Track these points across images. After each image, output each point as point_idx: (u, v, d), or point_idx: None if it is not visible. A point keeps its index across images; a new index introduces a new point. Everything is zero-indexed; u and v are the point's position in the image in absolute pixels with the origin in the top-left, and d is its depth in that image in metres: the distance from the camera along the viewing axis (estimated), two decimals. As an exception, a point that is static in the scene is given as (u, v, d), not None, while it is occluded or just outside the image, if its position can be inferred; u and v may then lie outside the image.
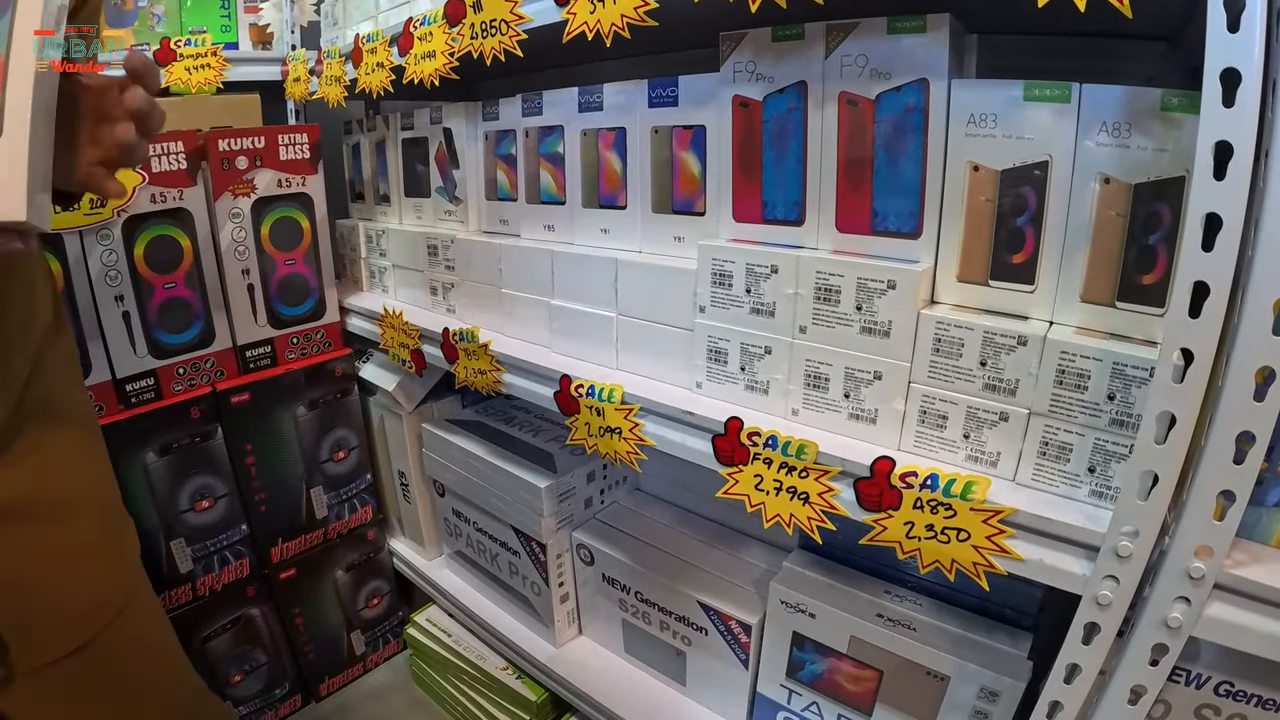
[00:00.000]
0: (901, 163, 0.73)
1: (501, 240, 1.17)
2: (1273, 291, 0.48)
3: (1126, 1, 0.51)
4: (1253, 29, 0.46)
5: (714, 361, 0.87)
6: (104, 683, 0.79)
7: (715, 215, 0.90)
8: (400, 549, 1.67)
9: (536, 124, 1.10)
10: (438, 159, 1.30)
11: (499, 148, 1.18)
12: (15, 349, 0.68)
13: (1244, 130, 0.47)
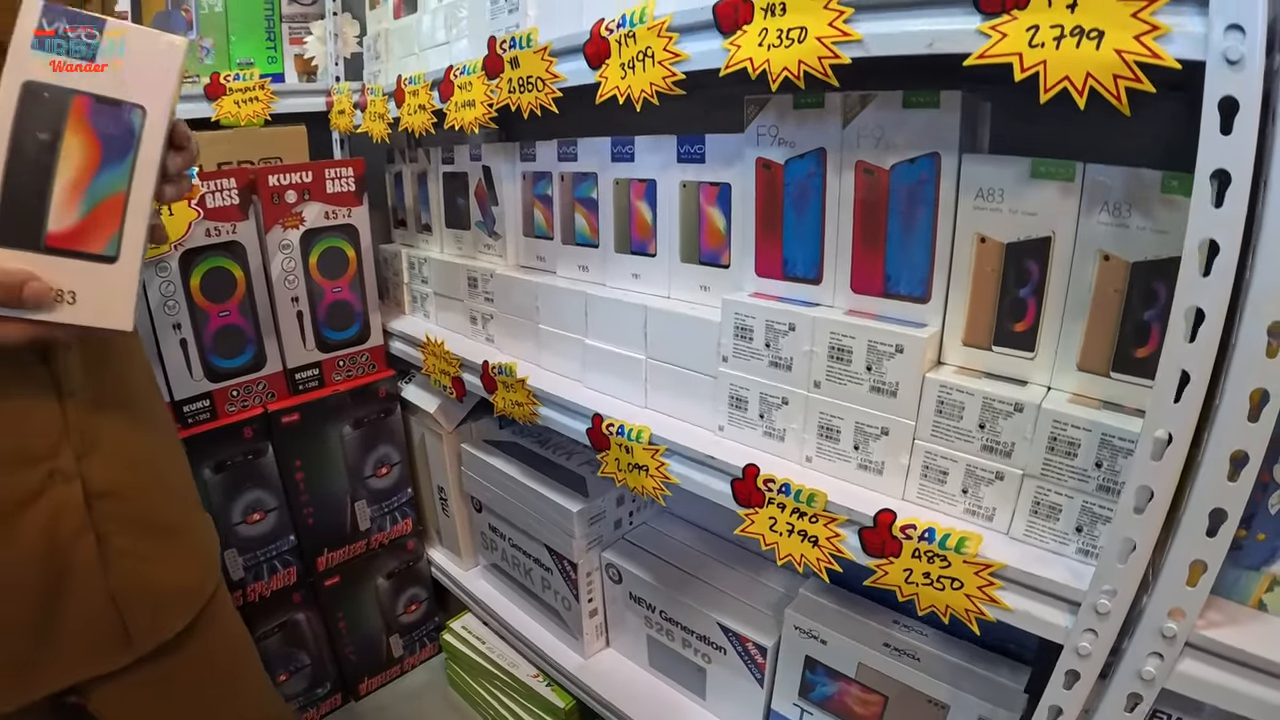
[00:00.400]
0: (913, 231, 0.78)
1: (538, 278, 1.23)
2: (1250, 383, 0.52)
3: (1125, 101, 0.55)
4: (1246, 132, 0.50)
5: (735, 408, 0.93)
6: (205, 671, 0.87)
7: (739, 268, 0.96)
8: (438, 558, 1.74)
9: (571, 169, 1.16)
10: (477, 194, 1.37)
11: (536, 187, 1.24)
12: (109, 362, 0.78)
13: (1231, 230, 0.51)
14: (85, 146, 0.63)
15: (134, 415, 0.80)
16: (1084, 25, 0.55)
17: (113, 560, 0.75)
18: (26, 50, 0.60)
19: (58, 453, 0.71)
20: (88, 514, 0.73)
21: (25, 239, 0.61)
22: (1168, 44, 0.52)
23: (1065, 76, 0.55)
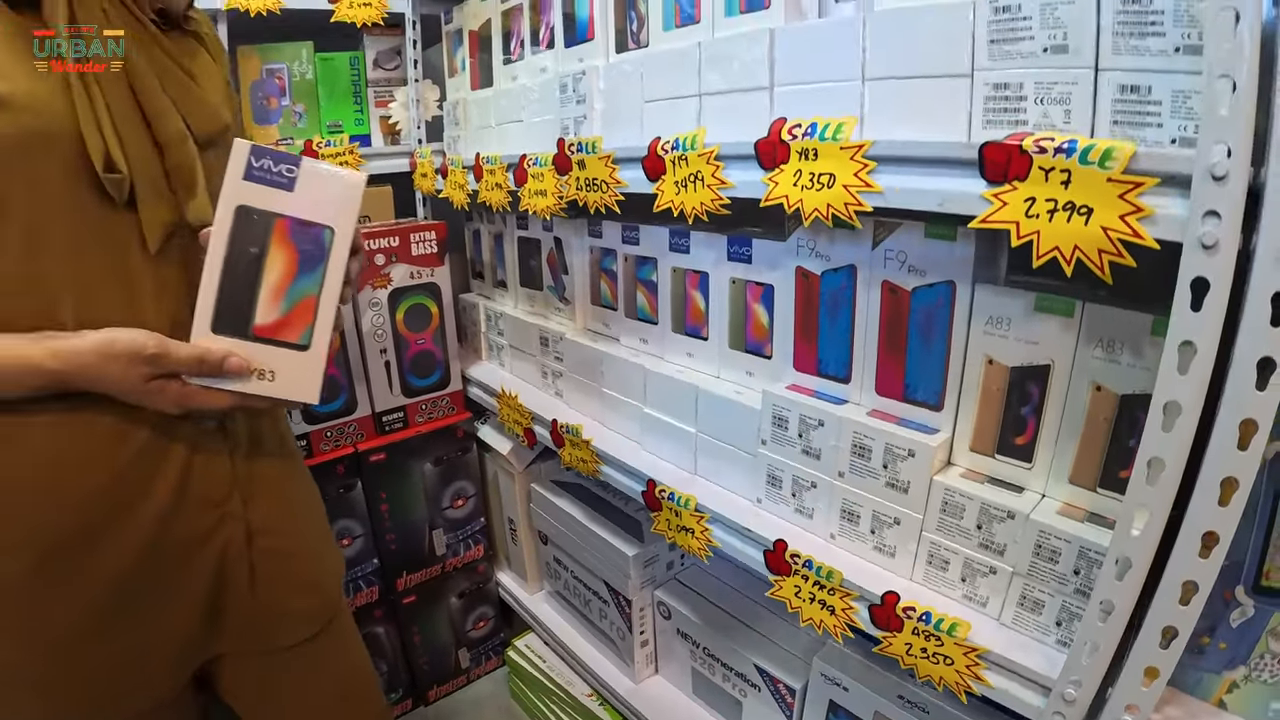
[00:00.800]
0: (930, 347, 0.88)
1: (603, 345, 1.36)
2: (1202, 525, 0.62)
3: (1107, 270, 0.65)
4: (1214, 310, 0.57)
5: (771, 485, 1.04)
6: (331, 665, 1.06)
7: (780, 360, 1.07)
8: (506, 581, 1.89)
9: (634, 252, 1.28)
10: (549, 261, 1.50)
11: (603, 262, 1.37)
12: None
13: (1194, 392, 0.59)
14: (286, 258, 0.78)
15: (284, 465, 0.98)
16: (1075, 201, 0.63)
17: (260, 582, 0.92)
18: (239, 180, 0.76)
19: (229, 499, 0.88)
20: (247, 547, 0.90)
21: (237, 329, 0.78)
22: (1150, 225, 0.59)
23: (1055, 247, 0.65)
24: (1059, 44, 0.68)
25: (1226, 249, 0.56)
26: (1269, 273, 0.55)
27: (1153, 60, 0.64)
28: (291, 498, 0.99)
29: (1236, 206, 0.55)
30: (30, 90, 0.70)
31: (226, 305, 0.77)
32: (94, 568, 0.79)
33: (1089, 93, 0.68)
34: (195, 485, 0.84)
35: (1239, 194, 0.55)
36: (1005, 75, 0.72)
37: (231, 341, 0.78)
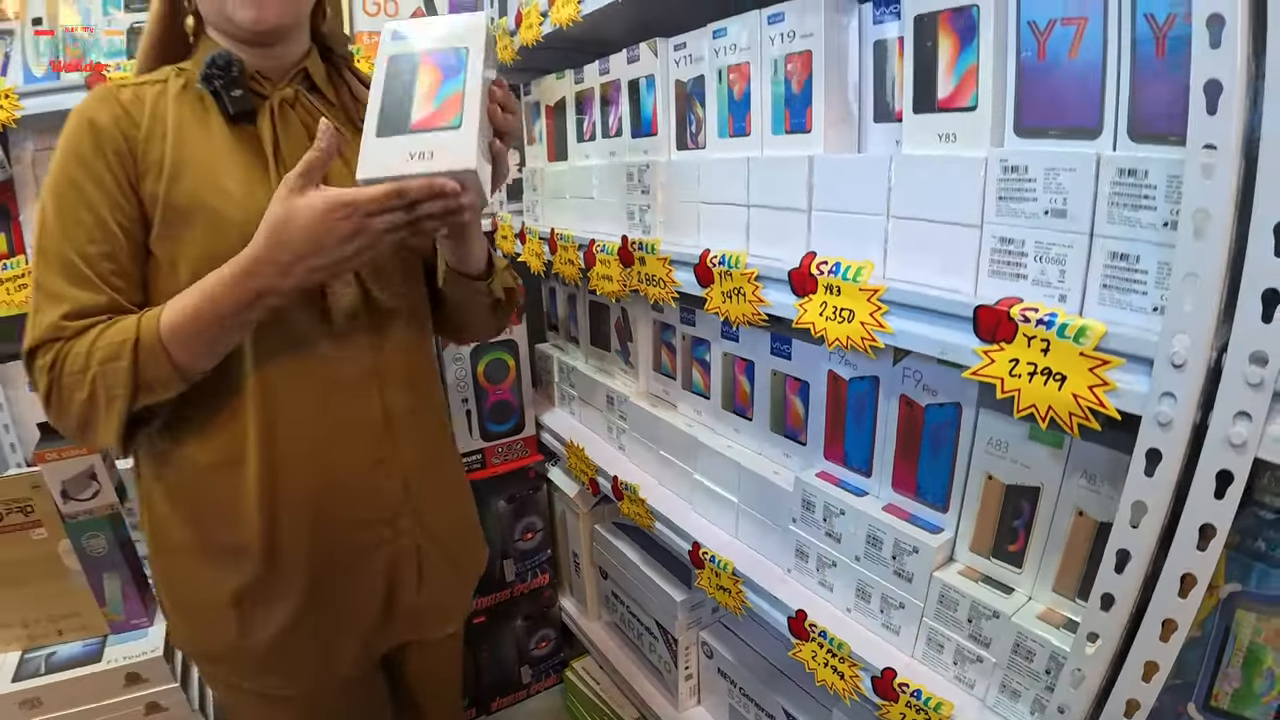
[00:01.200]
0: (939, 457, 1.01)
1: (662, 411, 1.52)
2: (1145, 655, 0.73)
3: (1076, 429, 0.76)
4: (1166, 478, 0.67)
5: (799, 558, 1.17)
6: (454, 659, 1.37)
7: (813, 447, 1.20)
8: (568, 606, 2.06)
9: (691, 332, 1.43)
10: (616, 327, 1.66)
11: (664, 335, 1.52)
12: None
13: (1144, 545, 0.71)
14: (432, 74, 0.92)
15: (450, 487, 1.22)
16: (1052, 368, 0.75)
17: (425, 584, 1.14)
18: (387, 43, 0.94)
19: (400, 516, 1.09)
20: (415, 555, 1.11)
21: (397, 130, 0.87)
22: (1115, 397, 0.70)
23: (1033, 404, 0.77)
24: (1059, 208, 0.79)
25: (1180, 426, 0.66)
26: (1218, 451, 0.64)
27: (1143, 232, 0.72)
28: (456, 514, 1.21)
29: (1193, 391, 0.65)
30: (239, 203, 0.93)
31: (386, 118, 0.88)
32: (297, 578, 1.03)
33: (1083, 256, 0.77)
34: (367, 509, 1.05)
35: (1196, 381, 0.64)
36: (1010, 231, 0.83)
37: (394, 139, 0.87)
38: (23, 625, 1.53)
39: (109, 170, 0.91)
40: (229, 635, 1.03)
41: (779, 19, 1.10)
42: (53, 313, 0.89)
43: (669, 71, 1.36)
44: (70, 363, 0.88)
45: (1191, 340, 0.64)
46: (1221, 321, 0.63)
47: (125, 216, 0.92)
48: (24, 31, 1.72)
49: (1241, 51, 0.58)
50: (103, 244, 0.91)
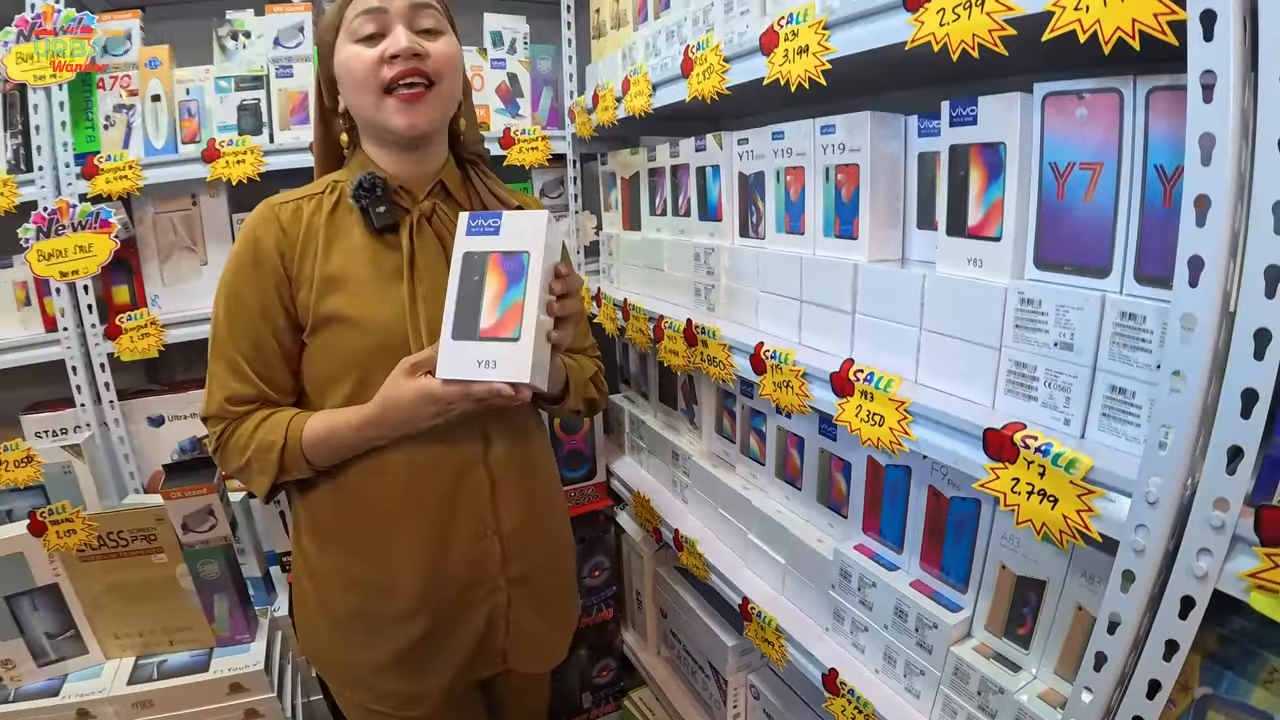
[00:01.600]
0: (960, 543, 1.13)
1: (721, 473, 1.66)
2: None
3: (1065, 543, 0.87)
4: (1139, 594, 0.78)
5: (835, 620, 1.31)
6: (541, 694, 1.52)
7: (853, 521, 1.33)
8: (629, 639, 2.22)
9: (749, 404, 1.57)
10: (683, 389, 1.81)
11: (726, 401, 1.66)
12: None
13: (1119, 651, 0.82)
14: (498, 279, 1.08)
15: (548, 550, 1.35)
16: (1047, 490, 0.87)
17: (515, 632, 1.30)
18: (463, 237, 1.09)
19: (498, 577, 1.26)
20: (508, 608, 1.27)
21: (469, 334, 1.05)
22: (1098, 521, 0.82)
23: (1029, 519, 0.89)
24: (1067, 341, 0.91)
25: (1152, 553, 0.77)
26: (1183, 579, 0.75)
27: (1139, 371, 0.84)
28: (548, 563, 1.35)
29: (1164, 526, 0.75)
30: (375, 315, 1.13)
31: (460, 320, 1.06)
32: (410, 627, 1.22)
33: (1086, 387, 0.89)
34: (469, 570, 1.23)
35: (1167, 517, 0.75)
36: (1024, 356, 0.96)
37: (465, 343, 1.05)
38: (139, 635, 1.76)
39: (267, 289, 1.14)
40: (348, 655, 1.24)
41: (830, 130, 1.25)
42: (219, 395, 1.16)
43: (733, 163, 1.51)
44: (235, 440, 1.17)
45: (1164, 481, 0.76)
46: (1193, 467, 0.74)
47: (277, 326, 1.15)
48: (144, 106, 1.95)
49: (1225, 230, 0.69)
50: (257, 346, 1.15)
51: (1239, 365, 0.70)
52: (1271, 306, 0.67)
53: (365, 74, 1.11)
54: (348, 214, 1.18)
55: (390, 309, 1.13)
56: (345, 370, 1.14)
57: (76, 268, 1.85)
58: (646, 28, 1.79)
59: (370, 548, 1.20)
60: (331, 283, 1.13)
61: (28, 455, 1.85)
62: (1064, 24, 0.80)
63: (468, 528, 1.21)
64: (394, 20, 1.11)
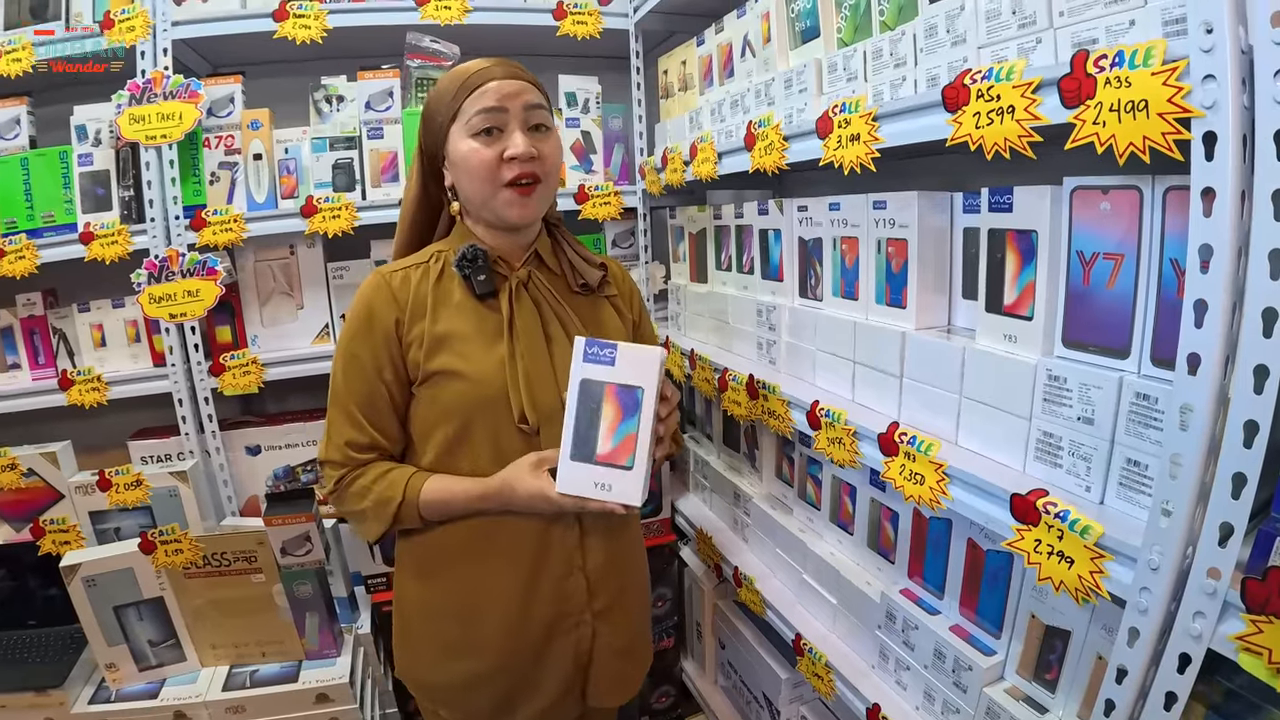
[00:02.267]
0: (996, 592, 1.23)
1: (779, 515, 1.78)
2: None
3: (1080, 600, 0.97)
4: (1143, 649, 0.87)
5: (881, 658, 1.42)
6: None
7: (899, 566, 1.44)
8: (688, 668, 2.34)
9: (807, 452, 1.69)
10: (745, 434, 1.94)
11: (785, 448, 1.78)
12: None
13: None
14: (614, 409, 1.18)
15: (629, 584, 1.46)
16: (1064, 551, 0.96)
17: (596, 669, 1.40)
18: (580, 363, 1.20)
19: (584, 611, 1.38)
20: (592, 641, 1.39)
21: (586, 457, 1.18)
22: (1107, 582, 0.92)
23: (1049, 577, 0.99)
24: (1088, 417, 1.01)
25: (1154, 613, 0.86)
26: (1180, 638, 0.85)
27: (1152, 447, 0.93)
28: (629, 598, 1.45)
29: (1164, 589, 0.85)
30: (480, 369, 1.28)
31: (579, 443, 1.19)
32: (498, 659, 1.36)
33: (1105, 458, 0.99)
34: (555, 606, 1.35)
35: (1167, 582, 0.84)
36: (1051, 427, 1.06)
37: (583, 465, 1.19)
38: (234, 646, 1.96)
39: (380, 350, 1.30)
40: (444, 678, 1.39)
41: (882, 206, 1.37)
42: (338, 442, 1.32)
43: (793, 228, 1.64)
44: (354, 488, 1.32)
45: (1164, 550, 0.86)
46: (1191, 538, 0.84)
47: (388, 381, 1.31)
48: (246, 164, 2.16)
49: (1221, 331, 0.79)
50: (372, 399, 1.31)
51: (1231, 451, 0.79)
52: (1259, 401, 0.77)
53: (485, 170, 1.26)
54: (451, 280, 1.33)
55: (492, 365, 1.28)
56: (450, 418, 1.30)
57: (185, 310, 2.07)
58: (712, 93, 1.94)
59: (466, 585, 1.34)
60: (440, 342, 1.29)
61: (137, 479, 2.06)
62: (1084, 136, 0.91)
63: (557, 567, 1.34)
64: (511, 120, 1.26)
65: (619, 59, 2.44)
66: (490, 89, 1.25)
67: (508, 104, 1.25)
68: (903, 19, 1.26)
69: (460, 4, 2.17)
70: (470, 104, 1.26)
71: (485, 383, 1.27)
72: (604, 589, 1.39)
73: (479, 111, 1.25)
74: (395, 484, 1.30)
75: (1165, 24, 0.86)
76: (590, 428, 1.19)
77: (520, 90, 1.27)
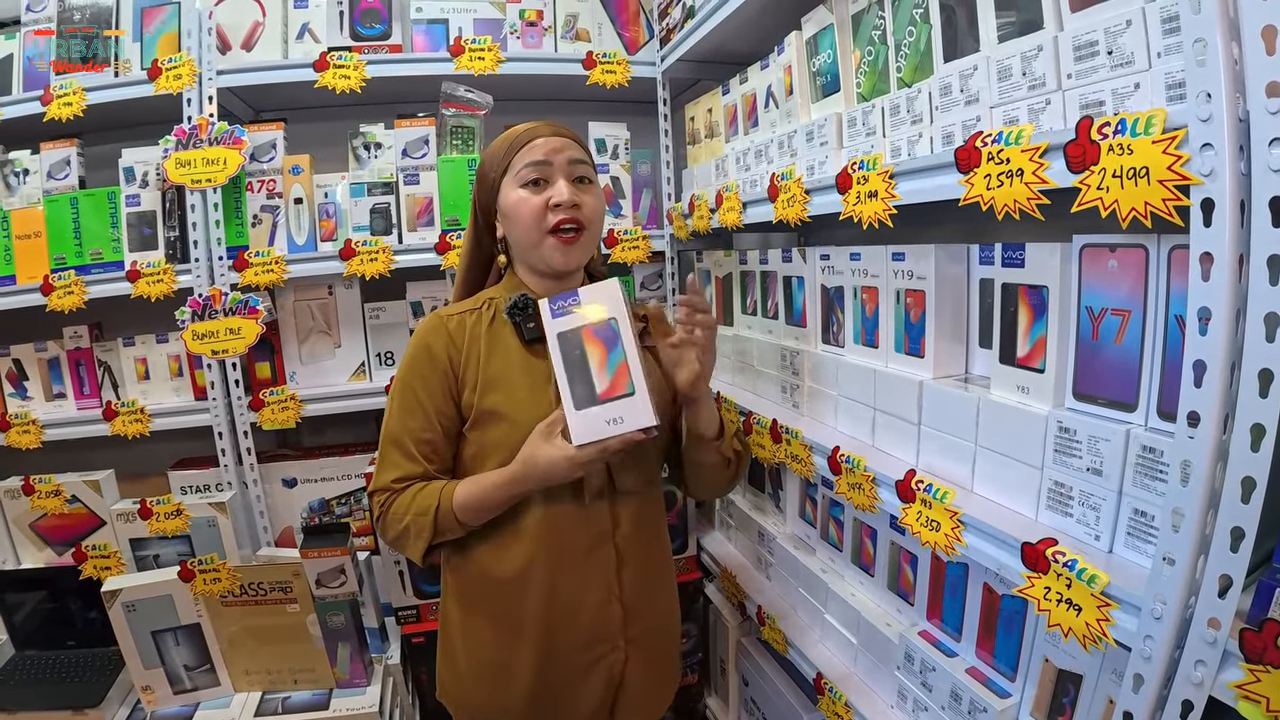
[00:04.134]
0: (1011, 636, 1.26)
1: (802, 555, 1.82)
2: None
3: (1088, 647, 1.01)
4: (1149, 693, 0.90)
5: (900, 698, 1.45)
6: None
7: (919, 608, 1.48)
8: (711, 704, 2.37)
9: (829, 495, 1.73)
10: (770, 474, 1.98)
11: (808, 489, 1.82)
12: None
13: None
14: (596, 348, 1.28)
15: (660, 609, 1.53)
16: (1073, 599, 0.99)
17: (627, 693, 1.46)
18: (550, 321, 1.28)
19: (618, 637, 1.43)
20: (625, 665, 1.44)
21: (590, 401, 1.25)
22: (1113, 629, 0.95)
23: (1058, 623, 1.02)
24: (1097, 468, 1.05)
25: (1157, 660, 0.90)
26: (1183, 685, 0.88)
27: (1158, 499, 0.97)
28: (661, 625, 1.53)
29: (1167, 637, 0.88)
30: (526, 412, 1.35)
31: (577, 392, 1.25)
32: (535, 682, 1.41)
33: (1113, 508, 1.03)
34: (589, 630, 1.41)
35: (1170, 630, 0.87)
36: (1062, 477, 1.10)
37: (589, 410, 1.24)
38: (267, 673, 2.03)
39: (437, 387, 1.38)
40: (484, 700, 1.45)
41: (900, 258, 1.42)
42: (389, 475, 1.39)
43: (816, 276, 1.69)
44: (395, 509, 1.38)
45: (1166, 600, 0.89)
46: (1192, 589, 0.88)
47: (444, 417, 1.39)
48: (287, 207, 2.25)
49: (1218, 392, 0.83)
50: (426, 435, 1.39)
51: (1230, 506, 0.83)
52: (1256, 458, 0.81)
53: (532, 217, 1.37)
54: (503, 326, 1.42)
55: (540, 408, 1.35)
56: (499, 457, 1.36)
57: (227, 348, 2.17)
58: (737, 141, 2.01)
59: (507, 612, 1.40)
60: (492, 384, 1.38)
61: (178, 509, 2.15)
62: (1089, 200, 0.95)
63: (595, 594, 1.40)
64: (556, 173, 1.37)
65: (647, 104, 2.52)
66: (538, 144, 1.38)
67: (553, 157, 1.37)
68: (919, 76, 1.32)
69: (493, 55, 2.26)
70: (519, 158, 1.38)
71: (528, 426, 1.33)
72: (639, 616, 1.45)
73: (527, 164, 1.37)
74: (430, 494, 1.36)
75: (1169, 87, 0.91)
76: (583, 374, 1.26)
77: (564, 146, 1.39)
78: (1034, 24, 1.10)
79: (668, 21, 2.34)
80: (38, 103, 2.17)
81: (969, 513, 1.17)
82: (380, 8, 2.33)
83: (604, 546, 1.41)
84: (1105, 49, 0.99)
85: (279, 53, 2.31)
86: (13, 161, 2.26)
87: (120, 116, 2.26)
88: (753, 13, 1.85)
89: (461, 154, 2.31)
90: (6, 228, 2.21)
